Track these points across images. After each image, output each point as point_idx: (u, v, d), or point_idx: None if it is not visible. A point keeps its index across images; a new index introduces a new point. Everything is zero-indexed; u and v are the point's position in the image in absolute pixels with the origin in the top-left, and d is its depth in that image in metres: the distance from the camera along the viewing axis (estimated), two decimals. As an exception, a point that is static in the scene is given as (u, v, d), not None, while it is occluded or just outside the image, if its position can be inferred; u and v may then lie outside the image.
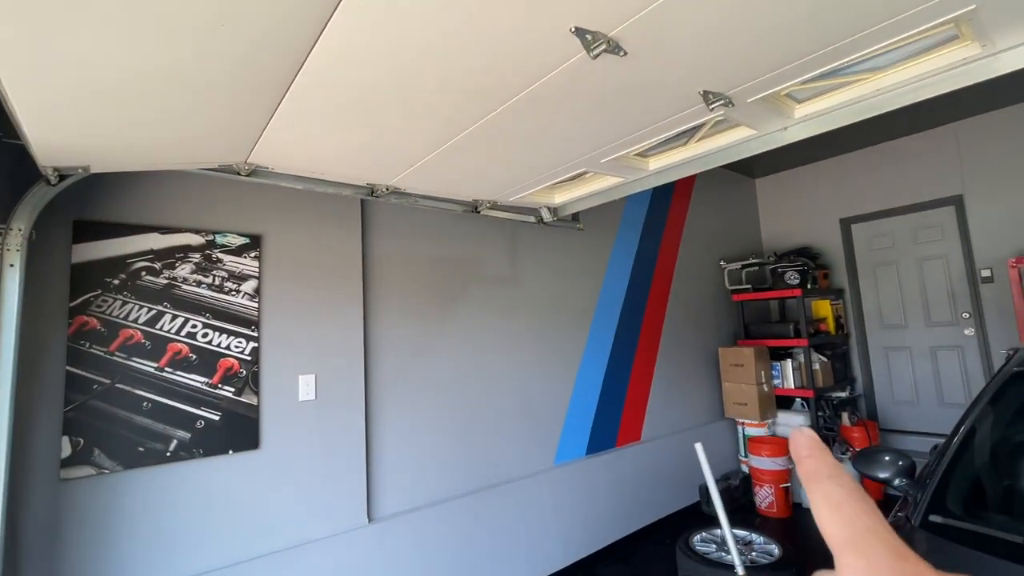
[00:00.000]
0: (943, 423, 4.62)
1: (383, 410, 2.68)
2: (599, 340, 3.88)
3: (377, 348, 2.71)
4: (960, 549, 1.32)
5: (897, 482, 1.73)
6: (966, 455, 1.58)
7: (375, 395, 2.67)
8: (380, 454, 2.64)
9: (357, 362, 2.57)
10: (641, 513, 3.85)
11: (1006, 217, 4.24)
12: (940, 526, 1.42)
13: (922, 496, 1.54)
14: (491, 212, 2.74)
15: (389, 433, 2.69)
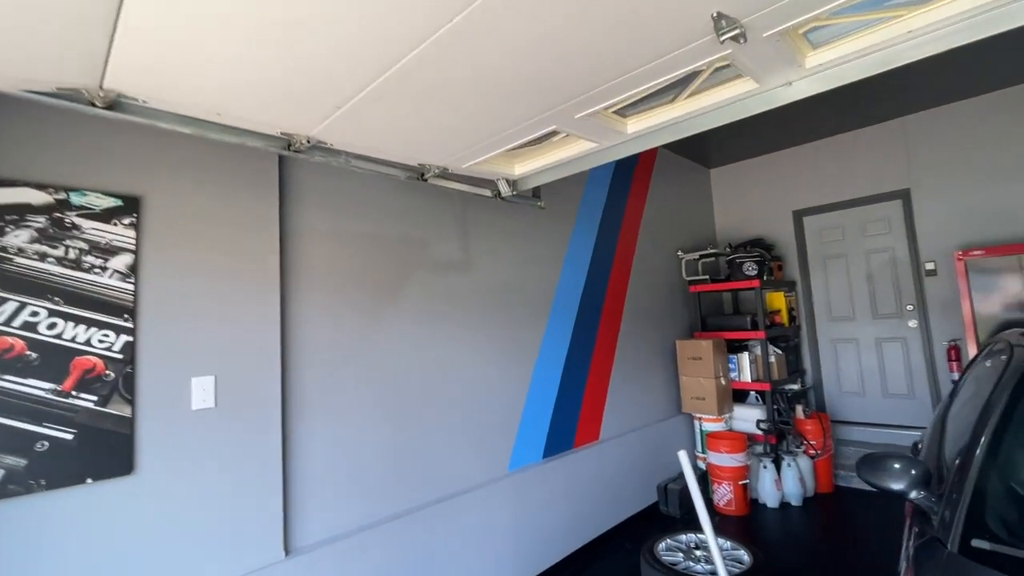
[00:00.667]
0: (887, 414, 4.69)
1: (306, 416, 2.21)
2: (557, 332, 3.56)
3: (299, 342, 2.22)
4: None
5: (914, 494, 1.50)
6: (994, 467, 1.37)
7: (296, 398, 2.19)
8: (301, 470, 2.17)
9: (271, 359, 2.08)
10: (600, 519, 3.58)
11: (950, 212, 4.32)
12: (987, 553, 1.18)
13: (953, 515, 1.31)
14: (440, 181, 2.32)
15: (313, 443, 2.22)
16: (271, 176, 2.15)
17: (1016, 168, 4.00)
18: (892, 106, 4.41)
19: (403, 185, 2.70)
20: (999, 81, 3.96)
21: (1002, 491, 1.34)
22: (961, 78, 3.92)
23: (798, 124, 4.70)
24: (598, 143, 2.08)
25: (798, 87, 1.65)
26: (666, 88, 1.76)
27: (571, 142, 2.18)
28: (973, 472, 1.37)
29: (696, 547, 3.01)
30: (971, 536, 1.24)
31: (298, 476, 2.15)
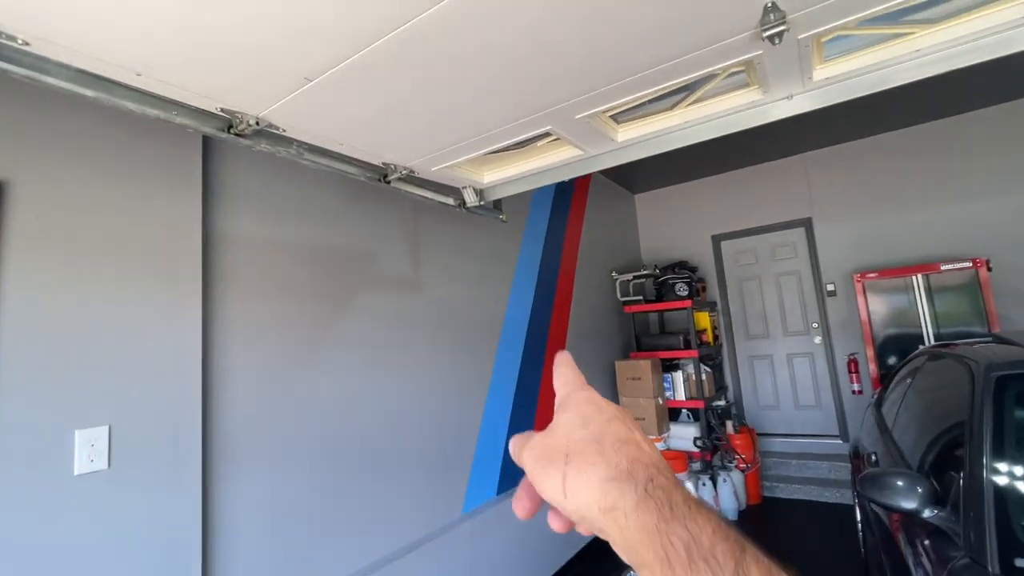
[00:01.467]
0: (800, 424, 5.05)
1: (233, 471, 1.75)
2: (508, 355, 3.34)
3: (225, 375, 1.77)
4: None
5: (928, 512, 1.49)
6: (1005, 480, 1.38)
7: (220, 449, 1.72)
8: (227, 545, 1.70)
9: (190, 399, 1.62)
10: (557, 553, 3.35)
11: (846, 238, 4.83)
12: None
13: (983, 534, 1.29)
14: (404, 186, 2.03)
15: (241, 503, 1.76)
16: (193, 166, 1.72)
17: (898, 202, 4.59)
18: (792, 143, 4.88)
19: (350, 190, 2.35)
20: (885, 125, 4.55)
21: (1021, 503, 1.36)
22: (854, 119, 4.44)
23: (712, 155, 5.03)
24: (584, 151, 1.94)
25: (797, 102, 1.64)
26: (667, 95, 1.67)
27: (550, 150, 2.03)
28: (987, 488, 1.37)
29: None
30: (1011, 555, 1.21)
31: (223, 553, 1.68)
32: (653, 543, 0.29)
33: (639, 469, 0.32)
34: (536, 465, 0.36)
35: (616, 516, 0.30)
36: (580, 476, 0.32)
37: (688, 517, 0.29)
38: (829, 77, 1.51)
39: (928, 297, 4.10)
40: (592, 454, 0.33)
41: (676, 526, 0.29)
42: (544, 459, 0.35)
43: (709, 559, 0.27)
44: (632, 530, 0.30)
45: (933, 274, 4.08)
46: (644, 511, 0.30)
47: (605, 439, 0.34)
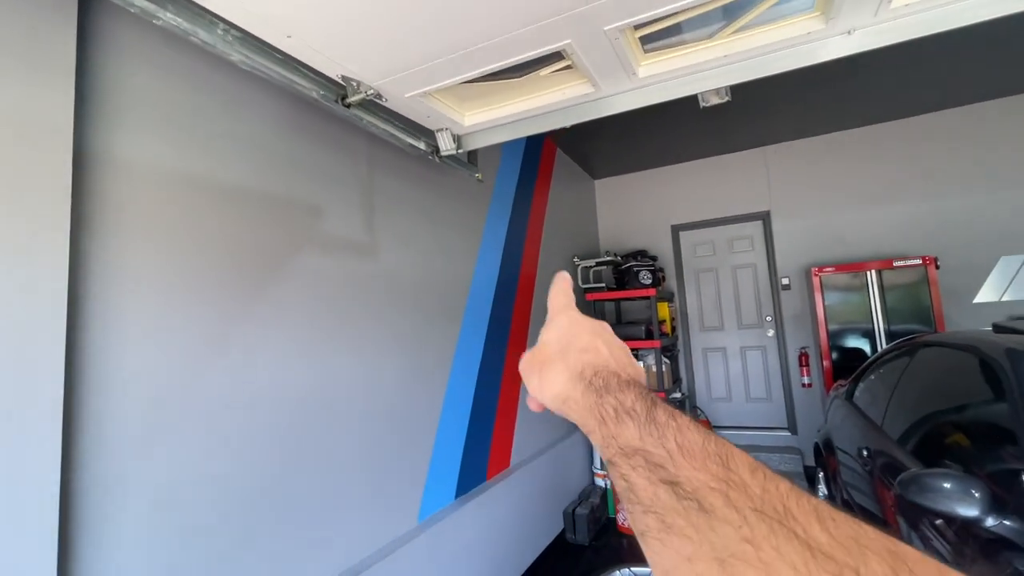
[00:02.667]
0: (750, 417, 5.06)
1: (116, 474, 1.24)
2: (471, 338, 2.95)
3: (104, 361, 1.26)
4: None
5: (991, 521, 1.29)
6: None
7: (91, 475, 1.21)
8: (103, 563, 1.20)
9: (44, 400, 1.10)
10: (514, 561, 3.02)
11: (803, 233, 4.86)
12: None
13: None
14: (366, 114, 1.58)
15: (130, 516, 1.26)
16: (62, 44, 1.18)
17: (853, 199, 4.66)
18: (754, 136, 4.84)
19: (292, 121, 1.85)
20: (845, 123, 4.59)
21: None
22: (814, 116, 4.44)
23: (674, 143, 4.90)
24: (597, 87, 1.59)
25: (857, 38, 1.38)
26: (705, 19, 1.36)
27: (553, 84, 1.66)
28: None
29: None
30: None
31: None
32: (593, 413, 0.39)
33: (588, 369, 0.43)
34: (525, 371, 0.47)
35: (570, 403, 0.42)
36: (547, 378, 0.44)
37: (618, 391, 0.39)
38: (910, 3, 1.26)
39: (881, 293, 4.17)
40: (558, 362, 0.45)
41: (609, 398, 0.39)
42: (528, 366, 0.47)
43: (631, 412, 0.37)
44: (581, 409, 0.41)
45: (886, 270, 4.15)
46: (587, 395, 0.41)
47: (570, 350, 0.45)
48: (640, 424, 0.36)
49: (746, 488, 0.29)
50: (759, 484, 0.29)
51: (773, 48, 1.44)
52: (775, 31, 1.39)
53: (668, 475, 0.32)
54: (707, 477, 0.30)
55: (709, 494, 0.29)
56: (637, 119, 4.02)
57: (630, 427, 0.36)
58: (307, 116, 1.91)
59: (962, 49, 3.34)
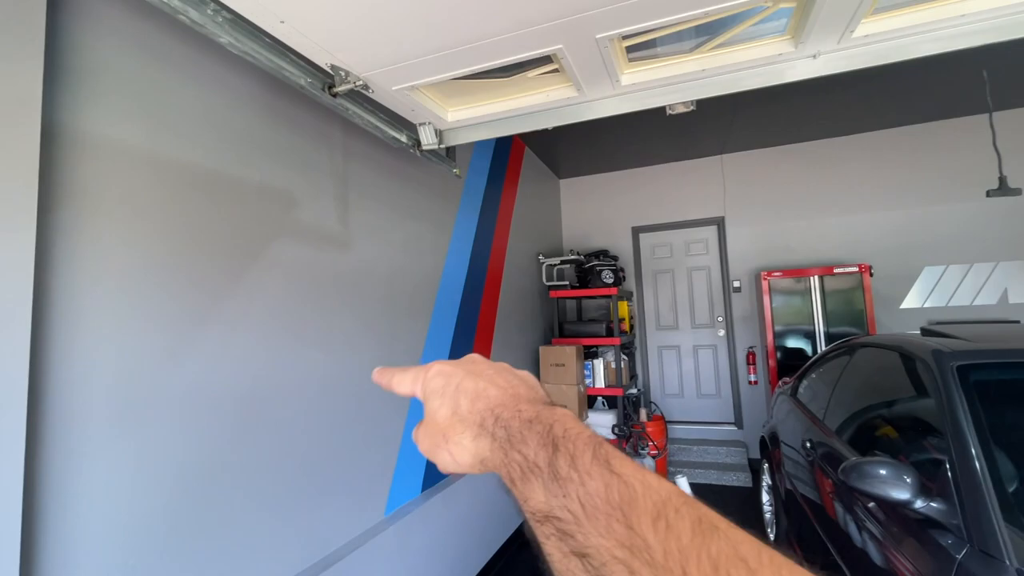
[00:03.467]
0: (700, 412, 5.33)
1: (80, 461, 1.19)
2: (440, 334, 2.96)
3: (70, 351, 1.20)
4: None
5: (920, 503, 1.45)
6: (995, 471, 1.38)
7: (56, 428, 1.16)
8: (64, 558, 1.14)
9: (6, 371, 1.04)
10: (477, 552, 3.07)
11: (754, 239, 5.15)
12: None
13: (990, 526, 1.25)
14: (351, 104, 1.57)
15: (91, 506, 1.21)
16: (31, 14, 1.11)
17: (797, 208, 4.97)
18: (713, 144, 5.08)
19: (269, 109, 1.81)
20: (797, 136, 4.88)
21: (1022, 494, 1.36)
22: (767, 129, 4.71)
23: (638, 148, 5.07)
24: (581, 92, 1.64)
25: (822, 62, 1.51)
26: (689, 33, 1.44)
27: (538, 86, 1.70)
28: (985, 480, 1.35)
29: (594, 571, 2.75)
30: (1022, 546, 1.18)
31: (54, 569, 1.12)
32: (508, 470, 0.35)
33: (488, 418, 0.38)
34: (431, 454, 0.41)
35: (486, 463, 0.37)
36: (454, 445, 0.39)
37: (520, 441, 0.35)
38: (869, 35, 1.38)
39: (822, 297, 4.48)
40: (456, 425, 0.39)
41: (513, 453, 0.35)
42: (432, 446, 0.40)
43: (534, 468, 0.33)
44: (498, 466, 0.36)
45: (827, 276, 4.47)
46: (496, 451, 0.36)
47: (460, 407, 0.39)
48: (544, 482, 0.32)
49: (649, 552, 0.27)
50: (660, 543, 0.27)
51: (746, 66, 1.55)
52: (749, 50, 1.49)
53: (577, 545, 0.29)
54: (612, 544, 0.28)
55: (615, 568, 0.27)
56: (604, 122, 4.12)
57: (536, 488, 0.32)
58: (282, 102, 1.87)
59: (898, 79, 3.64)
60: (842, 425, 2.32)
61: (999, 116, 3.38)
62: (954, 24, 1.34)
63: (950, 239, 4.48)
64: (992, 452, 1.44)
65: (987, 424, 1.53)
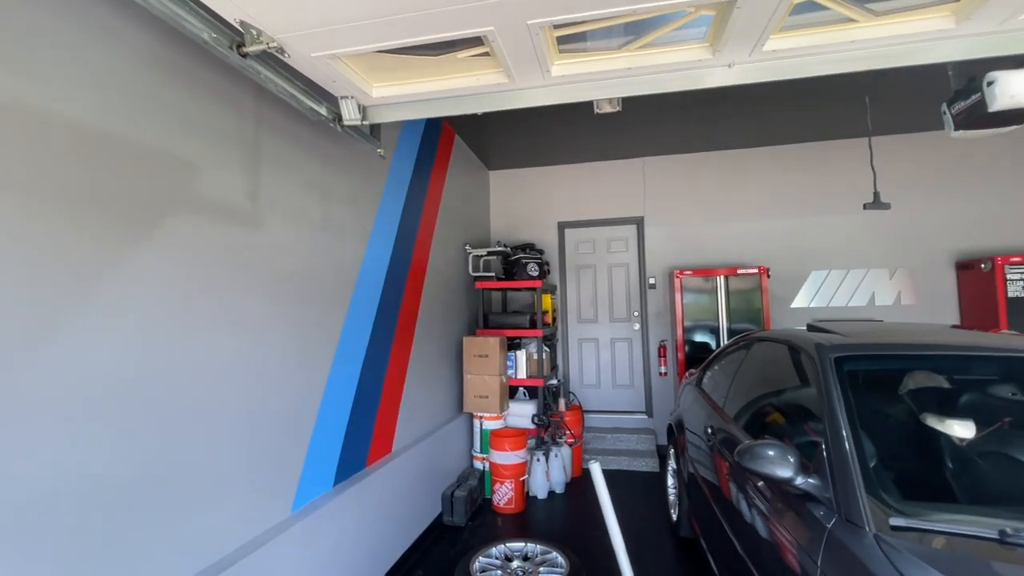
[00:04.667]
0: (615, 402, 5.58)
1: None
2: (358, 322, 2.84)
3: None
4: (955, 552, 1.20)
5: (800, 480, 1.60)
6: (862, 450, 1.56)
7: None
8: None
9: None
10: (391, 548, 2.99)
11: (669, 239, 5.46)
12: (910, 530, 1.29)
13: (856, 498, 1.41)
14: (263, 68, 1.44)
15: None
16: None
17: (708, 212, 5.34)
18: (636, 146, 5.31)
19: (166, 61, 1.61)
20: (713, 145, 5.22)
21: (880, 470, 1.54)
22: (686, 137, 5.00)
23: (566, 145, 5.18)
24: (510, 78, 1.63)
25: (736, 71, 1.61)
26: (619, 30, 1.48)
27: (468, 69, 1.67)
28: (852, 458, 1.52)
29: (510, 559, 2.79)
30: (885, 516, 1.34)
31: None
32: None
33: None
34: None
35: None
36: None
37: None
38: (776, 51, 1.49)
39: (726, 296, 4.85)
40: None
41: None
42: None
43: None
44: None
45: (731, 276, 4.85)
46: None
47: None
48: None
49: None
50: None
51: (668, 68, 1.61)
52: (672, 53, 1.56)
53: None
54: None
55: None
56: (535, 117, 4.16)
57: None
58: (185, 58, 1.67)
59: (799, 100, 4.01)
60: (739, 412, 2.52)
61: (876, 140, 3.82)
62: (845, 49, 1.48)
63: (833, 247, 5.03)
64: (859, 434, 1.63)
65: (856, 409, 1.73)
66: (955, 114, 2.27)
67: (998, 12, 1.31)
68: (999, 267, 4.17)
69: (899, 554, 1.22)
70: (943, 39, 1.44)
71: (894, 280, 4.92)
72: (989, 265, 4.25)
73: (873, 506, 1.39)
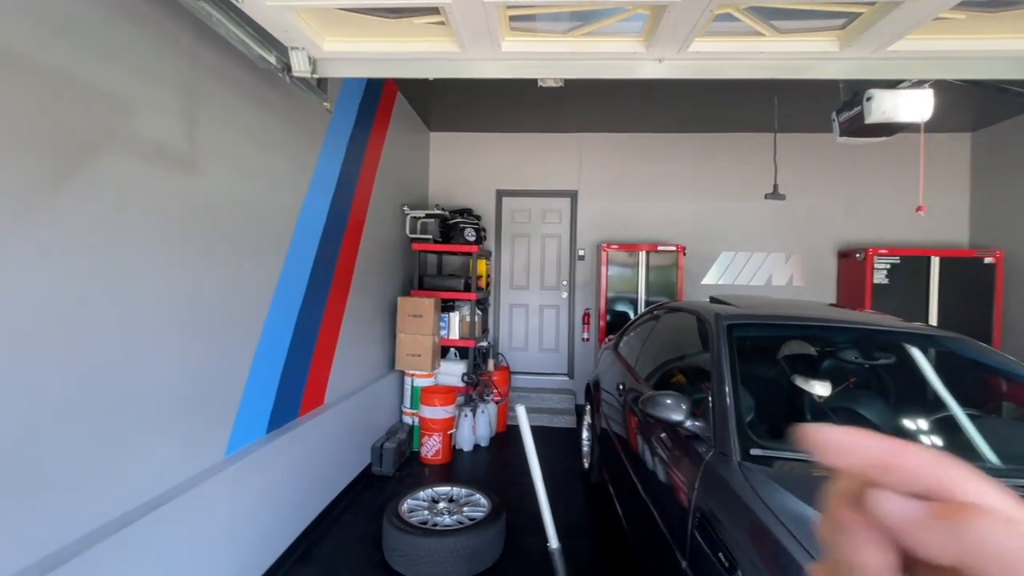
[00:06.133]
0: (540, 364, 5.92)
1: None
2: (294, 275, 2.84)
3: None
4: (794, 473, 1.53)
5: (690, 424, 1.91)
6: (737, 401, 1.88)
7: None
8: None
9: None
10: (320, 494, 3.11)
11: (600, 213, 5.76)
12: (766, 458, 1.62)
13: (728, 436, 1.73)
14: (214, 11, 1.43)
15: None
16: None
17: (637, 190, 5.68)
18: (575, 122, 5.50)
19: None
20: (642, 128, 5.51)
21: (755, 419, 1.88)
22: (621, 118, 5.25)
23: (509, 113, 5.26)
24: (462, 49, 1.72)
25: (665, 66, 1.80)
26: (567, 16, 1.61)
27: (422, 35, 1.73)
28: (729, 404, 1.85)
29: (436, 500, 3.01)
30: (747, 448, 1.67)
31: None
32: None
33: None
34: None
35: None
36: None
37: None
38: (699, 52, 1.70)
39: (646, 270, 5.26)
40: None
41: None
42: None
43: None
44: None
45: (652, 252, 5.25)
46: None
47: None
48: None
49: None
50: None
51: (607, 56, 1.77)
52: (611, 43, 1.72)
53: None
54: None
55: None
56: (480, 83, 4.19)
57: None
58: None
59: (719, 94, 4.35)
60: (649, 374, 2.86)
61: (780, 136, 4.26)
62: (755, 58, 1.72)
63: (740, 231, 5.57)
64: (739, 387, 1.97)
65: (740, 369, 2.07)
66: (841, 122, 2.65)
67: (873, 41, 1.59)
68: (869, 257, 4.87)
69: (753, 474, 1.55)
70: (830, 60, 1.72)
71: (788, 264, 5.57)
72: (863, 255, 4.95)
73: (740, 441, 1.71)
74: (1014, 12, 1.40)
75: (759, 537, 1.38)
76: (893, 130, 2.50)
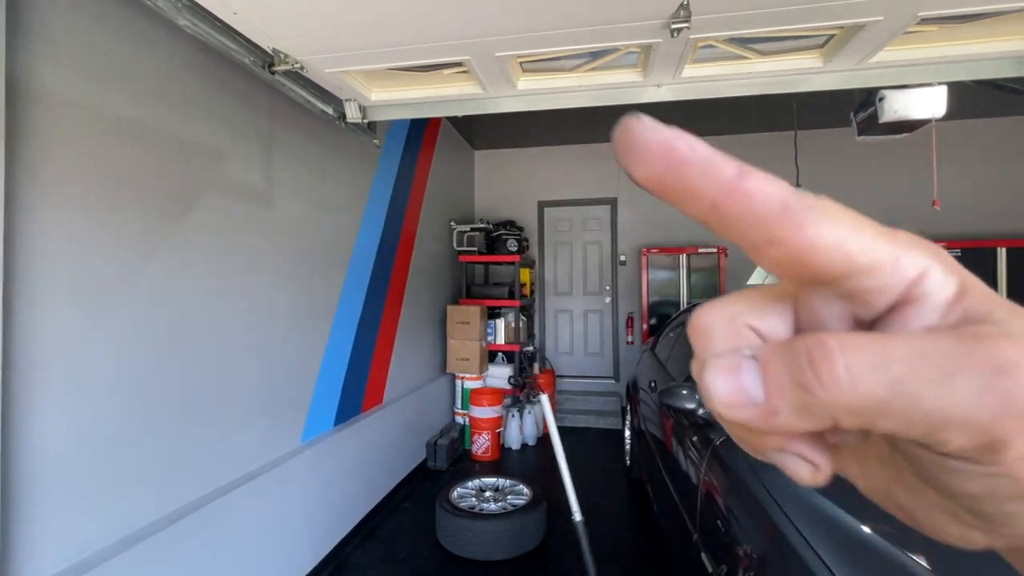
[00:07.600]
0: (586, 367, 6.10)
1: (40, 390, 1.41)
2: (354, 288, 3.25)
3: (31, 278, 1.39)
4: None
5: (702, 411, 2.09)
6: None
7: (22, 365, 1.37)
8: (28, 473, 1.38)
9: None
10: (381, 483, 3.48)
11: (639, 219, 5.89)
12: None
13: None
14: (288, 81, 1.81)
15: (51, 430, 1.44)
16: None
17: (677, 195, 5.76)
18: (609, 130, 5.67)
19: (209, 74, 1.96)
20: (676, 132, 5.61)
21: None
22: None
23: (547, 128, 5.53)
24: (485, 90, 2.02)
25: (663, 91, 2.01)
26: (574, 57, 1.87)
27: (452, 81, 2.05)
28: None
29: (483, 490, 3.29)
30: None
31: (23, 480, 1.36)
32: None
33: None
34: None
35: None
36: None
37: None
38: (692, 76, 1.90)
39: (688, 273, 5.34)
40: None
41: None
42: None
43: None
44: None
45: (693, 255, 5.32)
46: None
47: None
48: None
49: None
50: None
51: (611, 87, 2.01)
52: (613, 75, 1.96)
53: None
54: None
55: None
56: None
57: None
58: (213, 65, 2.02)
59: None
60: (679, 371, 3.01)
61: (801, 134, 4.28)
62: (745, 77, 1.90)
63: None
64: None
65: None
66: (859, 121, 2.72)
67: (853, 56, 1.73)
68: (924, 251, 4.69)
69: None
70: (817, 74, 1.86)
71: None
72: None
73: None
74: (979, 22, 1.50)
75: (753, 511, 1.55)
76: (910, 127, 2.55)
